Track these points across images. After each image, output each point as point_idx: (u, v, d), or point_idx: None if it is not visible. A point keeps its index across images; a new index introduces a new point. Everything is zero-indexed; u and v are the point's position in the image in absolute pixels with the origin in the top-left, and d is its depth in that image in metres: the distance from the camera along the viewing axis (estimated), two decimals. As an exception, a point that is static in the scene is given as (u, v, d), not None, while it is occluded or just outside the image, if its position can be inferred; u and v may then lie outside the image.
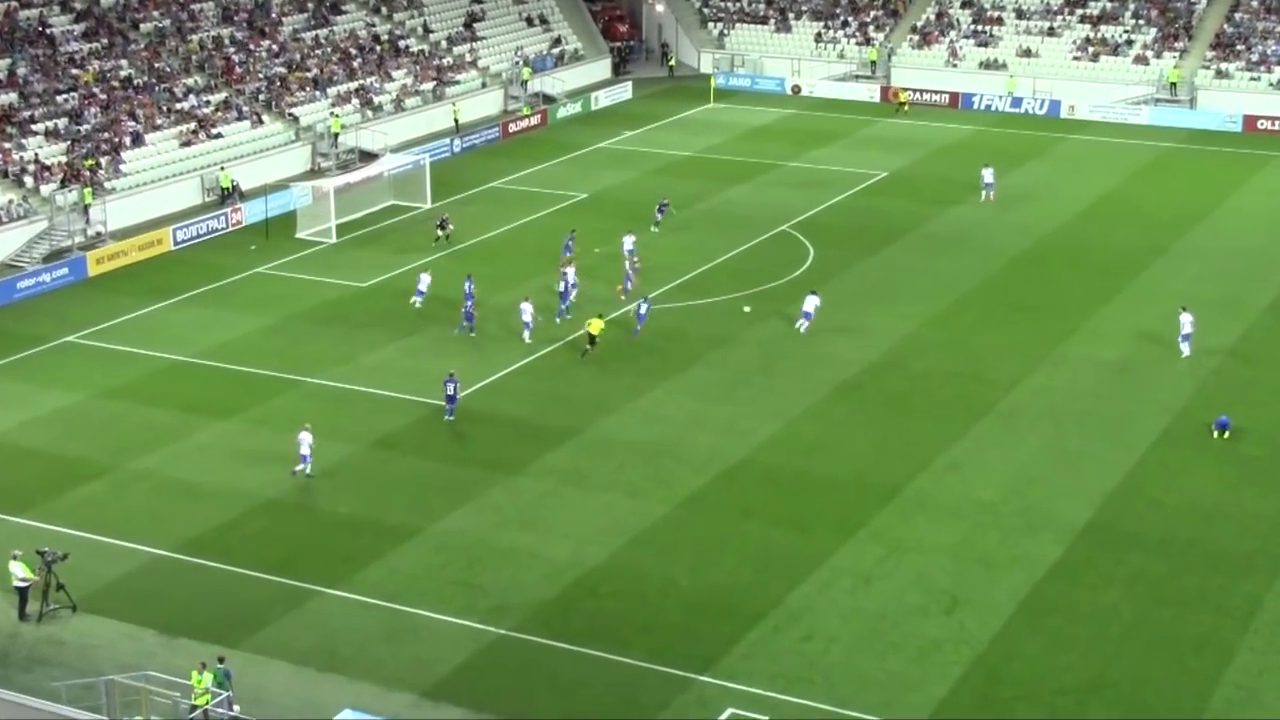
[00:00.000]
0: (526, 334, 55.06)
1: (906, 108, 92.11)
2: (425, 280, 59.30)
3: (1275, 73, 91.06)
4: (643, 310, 55.82)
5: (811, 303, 56.36)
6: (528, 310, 55.24)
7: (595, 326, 53.84)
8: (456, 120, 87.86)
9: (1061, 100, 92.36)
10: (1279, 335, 55.60)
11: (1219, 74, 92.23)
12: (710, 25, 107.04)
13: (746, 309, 57.75)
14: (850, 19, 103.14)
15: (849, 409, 49.76)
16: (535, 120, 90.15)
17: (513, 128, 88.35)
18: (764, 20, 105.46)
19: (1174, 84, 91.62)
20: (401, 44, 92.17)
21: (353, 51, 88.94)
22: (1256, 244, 66.26)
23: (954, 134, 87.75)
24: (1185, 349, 53.45)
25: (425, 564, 40.21)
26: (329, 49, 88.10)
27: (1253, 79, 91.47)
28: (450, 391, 48.98)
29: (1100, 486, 44.10)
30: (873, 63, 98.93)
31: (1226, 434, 47.02)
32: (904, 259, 64.62)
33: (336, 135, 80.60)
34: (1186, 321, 53.76)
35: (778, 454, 46.57)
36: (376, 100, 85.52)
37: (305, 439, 45.07)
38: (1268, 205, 72.73)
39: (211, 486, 44.56)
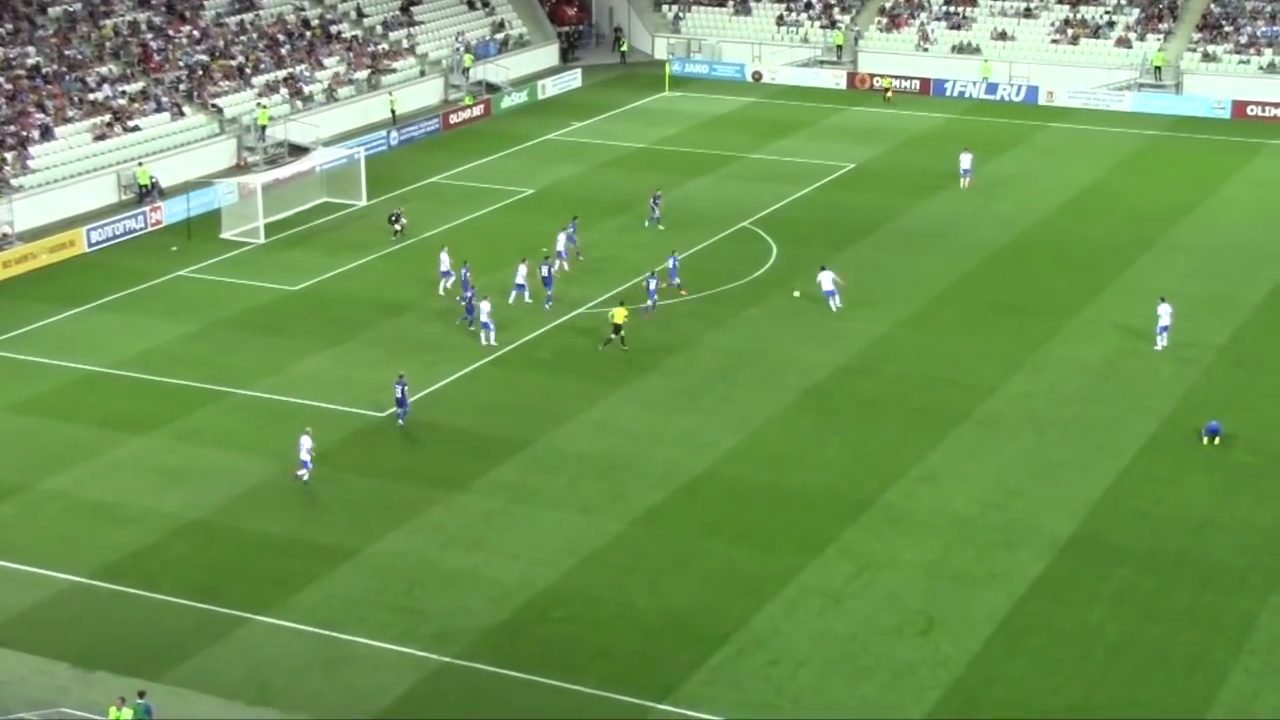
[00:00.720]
0: (486, 336, 55.21)
1: (890, 95, 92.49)
2: (446, 260, 60.33)
3: (1265, 55, 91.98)
4: (652, 286, 57.30)
5: (827, 278, 57.95)
6: (484, 310, 55.25)
7: (619, 315, 54.61)
8: (393, 111, 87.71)
9: (1039, 86, 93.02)
10: (1272, 335, 56.17)
11: (1206, 57, 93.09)
12: (665, 8, 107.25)
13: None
14: (814, 1, 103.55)
15: (817, 418, 49.93)
16: (478, 111, 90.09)
17: (454, 119, 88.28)
18: (722, 2, 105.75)
19: (1158, 68, 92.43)
20: (333, 29, 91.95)
21: (281, 38, 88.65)
22: (1247, 238, 66.91)
23: (925, 123, 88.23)
24: (1160, 342, 54.22)
25: (363, 588, 40.08)
26: (255, 35, 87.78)
27: (1241, 62, 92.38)
28: (399, 394, 49.08)
29: (1084, 497, 44.41)
30: (839, 47, 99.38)
31: (1217, 440, 47.42)
32: (874, 256, 64.92)
33: (264, 128, 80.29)
34: (1165, 313, 54.43)
35: (741, 466, 46.68)
36: (307, 90, 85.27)
37: (305, 443, 45.44)
38: (1259, 196, 73.47)
39: (130, 507, 44.29)
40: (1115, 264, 63.64)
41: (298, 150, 79.67)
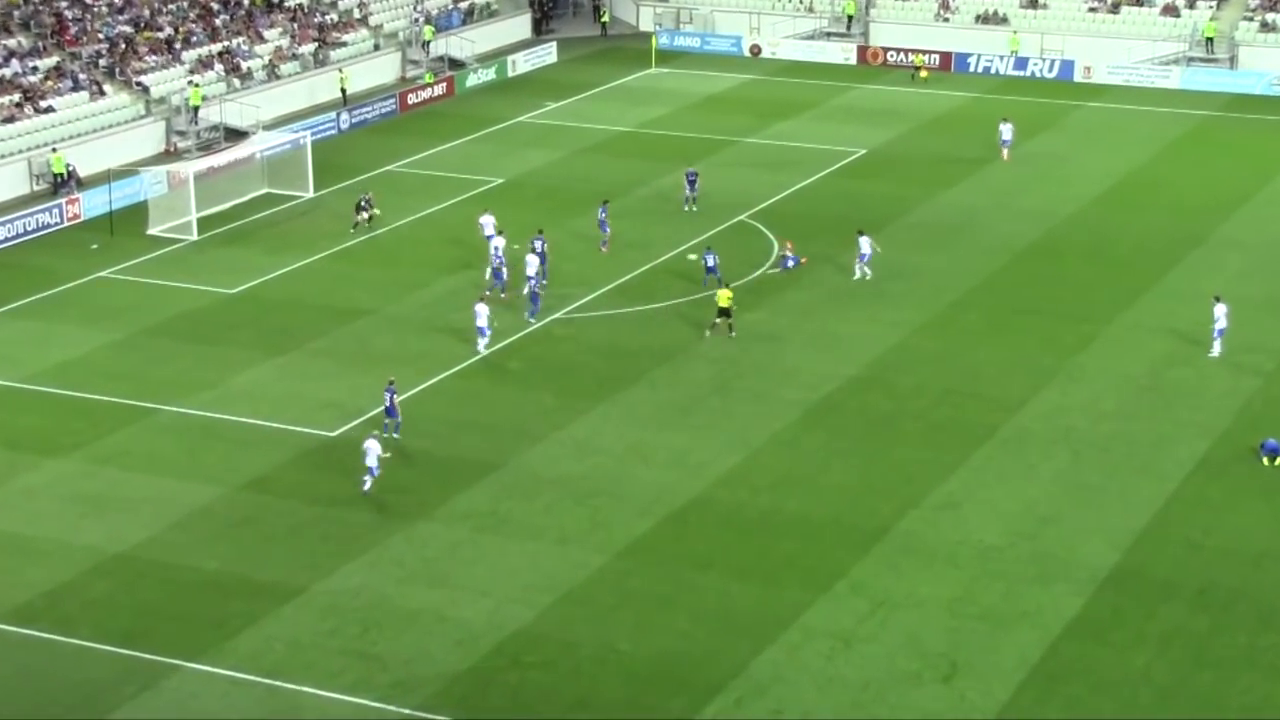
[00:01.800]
0: (482, 343, 55.44)
1: (924, 74, 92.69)
2: (490, 222, 62.25)
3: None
4: (710, 262, 60.26)
5: (865, 242, 60.83)
6: (483, 314, 55.35)
7: (724, 298, 56.01)
8: (343, 90, 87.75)
9: (1075, 60, 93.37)
10: (1337, 341, 56.44)
11: (1264, 26, 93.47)
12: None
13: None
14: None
15: (823, 436, 50.01)
16: (439, 90, 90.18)
17: (412, 99, 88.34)
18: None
19: (1210, 39, 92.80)
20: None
21: (215, 7, 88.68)
22: (1309, 232, 67.26)
23: (946, 102, 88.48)
24: (1217, 348, 54.62)
25: (311, 630, 40.06)
26: (185, 4, 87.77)
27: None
28: (389, 402, 49.47)
29: (1127, 526, 44.53)
30: (849, 17, 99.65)
31: (1278, 460, 47.62)
32: (887, 254, 65.02)
33: (196, 109, 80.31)
34: (1221, 314, 54.80)
35: (738, 491, 46.74)
36: (245, 66, 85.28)
37: (373, 447, 46.00)
38: (1322, 186, 73.83)
39: (45, 540, 44.21)
40: (1160, 263, 63.86)
41: (235, 135, 79.65)
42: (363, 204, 67.97)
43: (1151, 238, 66.66)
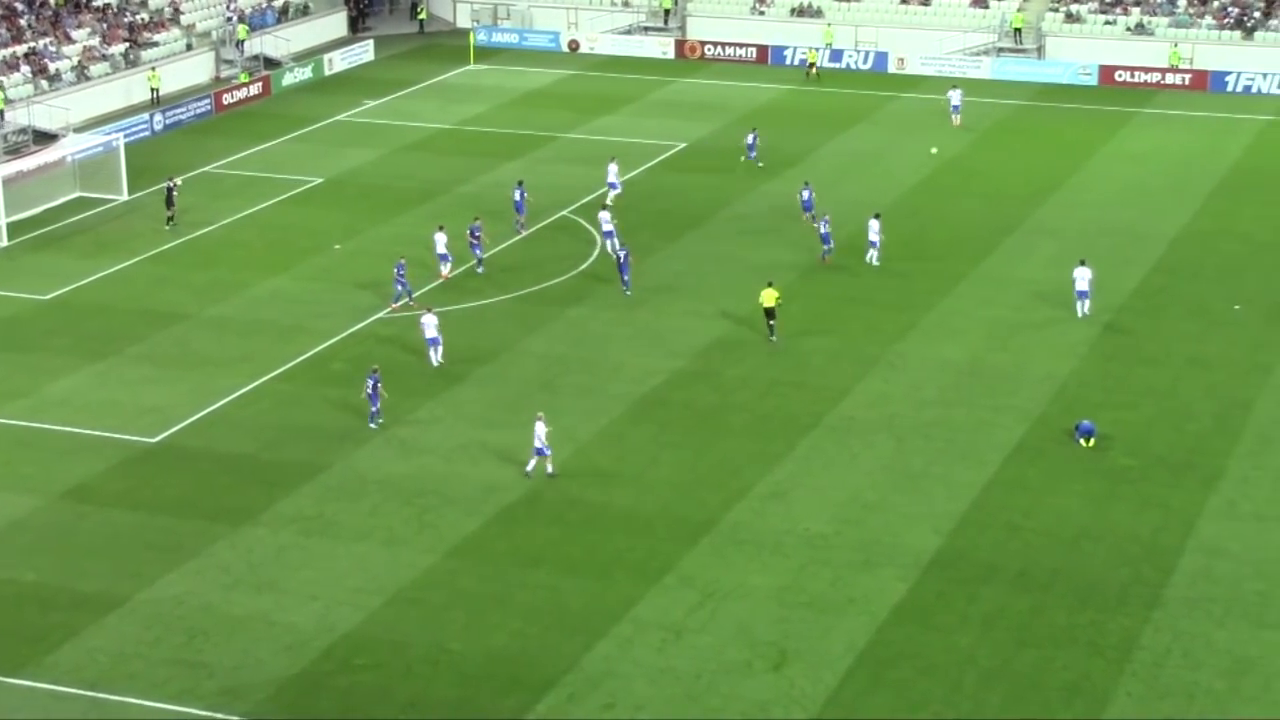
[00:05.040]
0: (435, 354, 54.34)
1: (815, 71, 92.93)
2: (442, 242, 61.11)
3: (1133, 15, 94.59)
4: (824, 230, 62.87)
5: (875, 228, 62.44)
6: (431, 325, 54.28)
7: (770, 298, 55.73)
8: (154, 90, 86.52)
9: (889, 52, 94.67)
10: (1148, 324, 57.76)
11: (1069, 17, 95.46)
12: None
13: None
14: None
15: (650, 429, 50.24)
16: (255, 89, 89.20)
17: (228, 99, 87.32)
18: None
19: (1018, 30, 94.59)
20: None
21: (19, 6, 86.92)
22: (1119, 219, 68.73)
23: (763, 95, 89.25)
24: (1081, 308, 57.18)
25: (134, 640, 39.49)
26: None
27: (1108, 23, 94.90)
28: (370, 388, 49.69)
29: (949, 510, 45.26)
30: (665, 11, 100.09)
31: (1092, 441, 48.63)
32: (710, 246, 65.49)
33: (2, 112, 78.75)
34: (1083, 277, 57.17)
35: (566, 487, 46.80)
36: (53, 68, 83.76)
37: (540, 430, 46.34)
38: (1130, 172, 75.54)
39: None
40: (975, 250, 64.95)
41: (44, 138, 78.29)
42: (170, 190, 67.25)
43: (967, 226, 67.78)
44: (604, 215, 64.20)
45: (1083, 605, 40.57)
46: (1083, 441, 48.56)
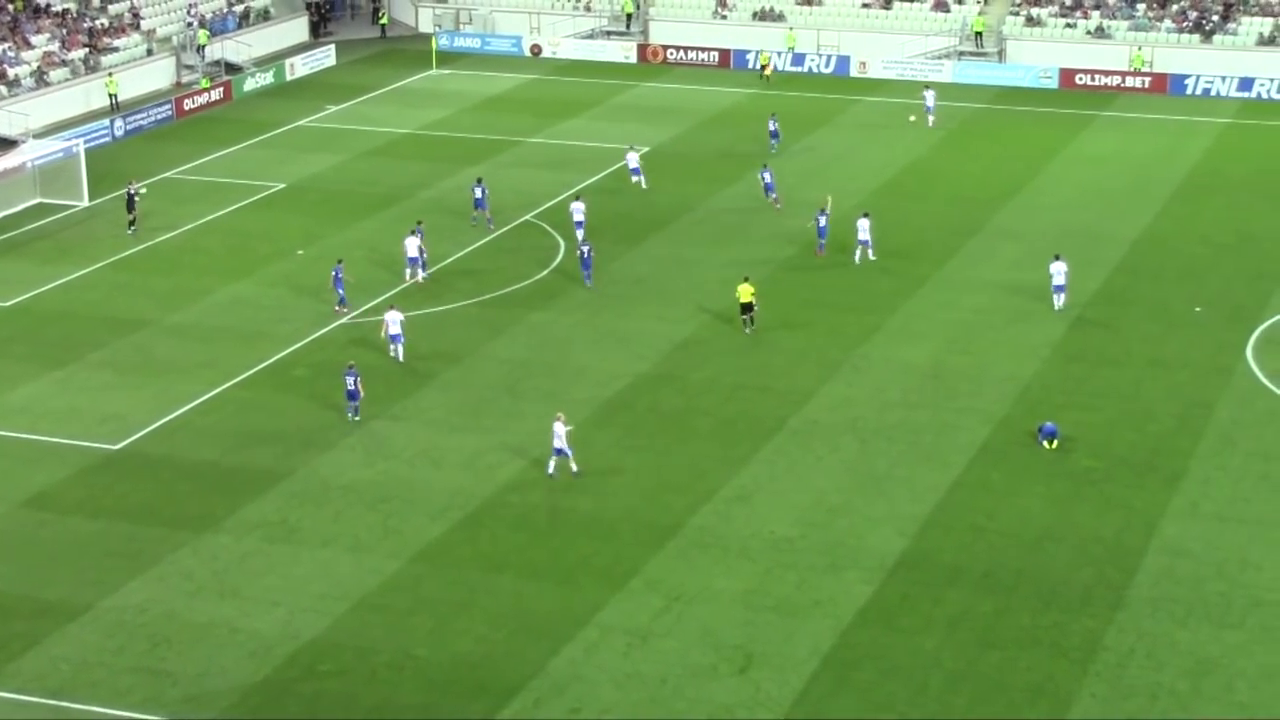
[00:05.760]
0: (397, 350, 54.72)
1: (769, 74, 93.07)
2: (414, 246, 61.39)
3: (1093, 18, 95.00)
4: (823, 222, 63.90)
5: (864, 226, 63.31)
6: (395, 322, 54.61)
7: (746, 293, 56.22)
8: (113, 96, 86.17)
9: (851, 56, 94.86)
10: (1109, 325, 57.97)
11: (1030, 21, 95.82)
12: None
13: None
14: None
15: (615, 433, 50.22)
16: (216, 95, 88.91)
17: (189, 104, 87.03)
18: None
19: (979, 34, 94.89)
20: (41, 1, 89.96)
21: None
22: (1081, 221, 68.97)
23: (725, 99, 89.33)
24: (1058, 301, 58.29)
25: (97, 648, 39.31)
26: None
27: (1068, 26, 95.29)
28: (351, 386, 49.91)
29: (913, 512, 45.36)
30: (628, 16, 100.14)
31: (1055, 443, 48.80)
32: (673, 250, 65.51)
33: (-37, 118, 78.40)
34: (1059, 272, 58.29)
35: (530, 492, 46.76)
36: (11, 73, 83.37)
37: (560, 430, 46.63)
38: (1090, 174, 75.83)
39: None
40: (938, 253, 65.13)
41: (4, 144, 77.86)
42: (131, 195, 67.02)
43: (930, 228, 67.96)
44: (577, 206, 64.97)
45: (1047, 606, 40.70)
46: (1046, 443, 48.73)
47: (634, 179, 72.47)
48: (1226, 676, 37.77)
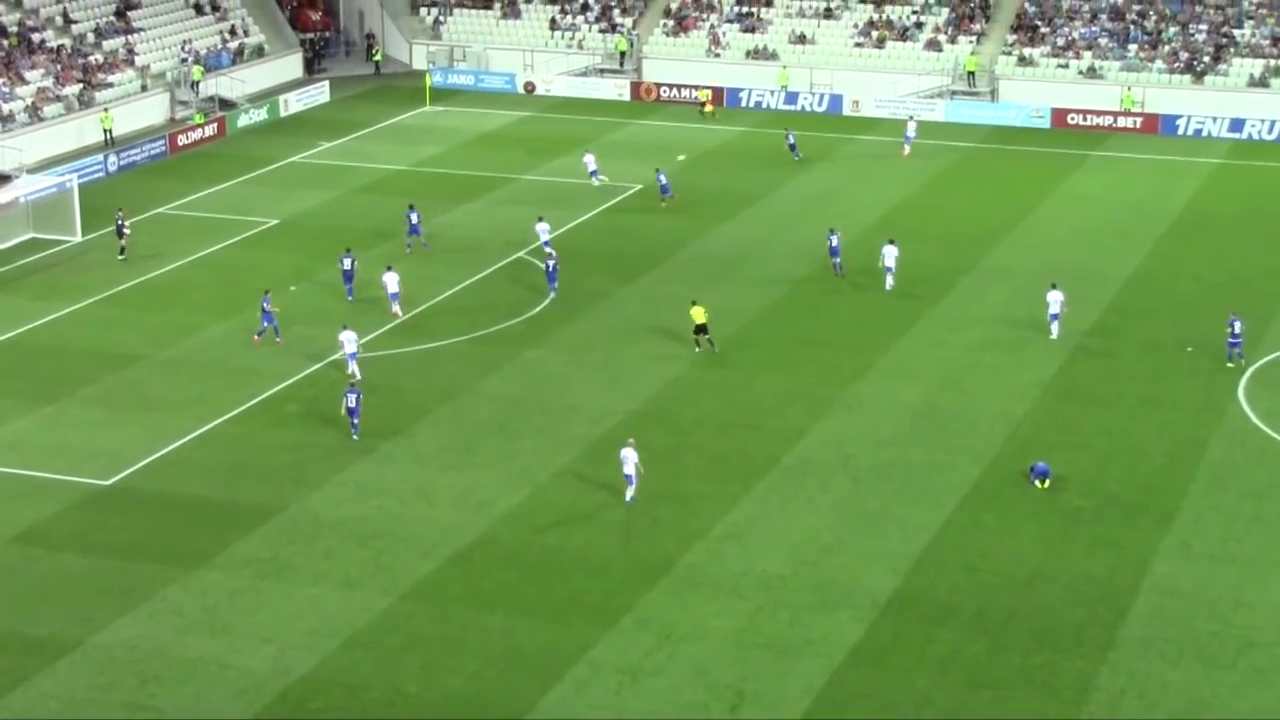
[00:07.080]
0: (353, 368, 56.03)
1: (709, 109, 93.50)
2: (394, 282, 61.98)
3: (1085, 59, 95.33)
4: (835, 242, 65.84)
5: (891, 254, 64.71)
6: (350, 341, 56.22)
7: (699, 314, 58.08)
8: (107, 131, 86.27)
9: (843, 95, 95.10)
10: (1101, 364, 58.02)
11: (1022, 61, 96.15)
12: (423, 11, 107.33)
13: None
14: (592, 2, 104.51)
15: (607, 471, 50.17)
16: (210, 131, 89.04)
17: (182, 140, 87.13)
18: (488, 4, 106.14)
19: (972, 73, 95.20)
20: (36, 37, 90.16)
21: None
22: (1073, 259, 69.06)
23: (718, 137, 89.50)
24: (1055, 330, 59.45)
25: (86, 685, 39.18)
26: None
27: (1060, 66, 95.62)
28: (352, 403, 50.79)
29: (905, 551, 45.30)
30: (621, 54, 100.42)
31: (1046, 483, 48.79)
32: (665, 288, 65.54)
33: (-44, 153, 78.44)
34: (1055, 301, 59.07)
35: (522, 529, 46.69)
36: (6, 109, 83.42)
37: (630, 456, 47.24)
38: (1082, 214, 75.98)
39: None
40: (931, 291, 65.19)
41: (-2, 178, 77.98)
42: (119, 223, 67.30)
43: (923, 266, 67.99)
44: (542, 227, 68.00)
45: (1039, 646, 40.64)
46: (1038, 483, 48.72)
47: (594, 181, 74.76)
48: (1218, 717, 37.70)
